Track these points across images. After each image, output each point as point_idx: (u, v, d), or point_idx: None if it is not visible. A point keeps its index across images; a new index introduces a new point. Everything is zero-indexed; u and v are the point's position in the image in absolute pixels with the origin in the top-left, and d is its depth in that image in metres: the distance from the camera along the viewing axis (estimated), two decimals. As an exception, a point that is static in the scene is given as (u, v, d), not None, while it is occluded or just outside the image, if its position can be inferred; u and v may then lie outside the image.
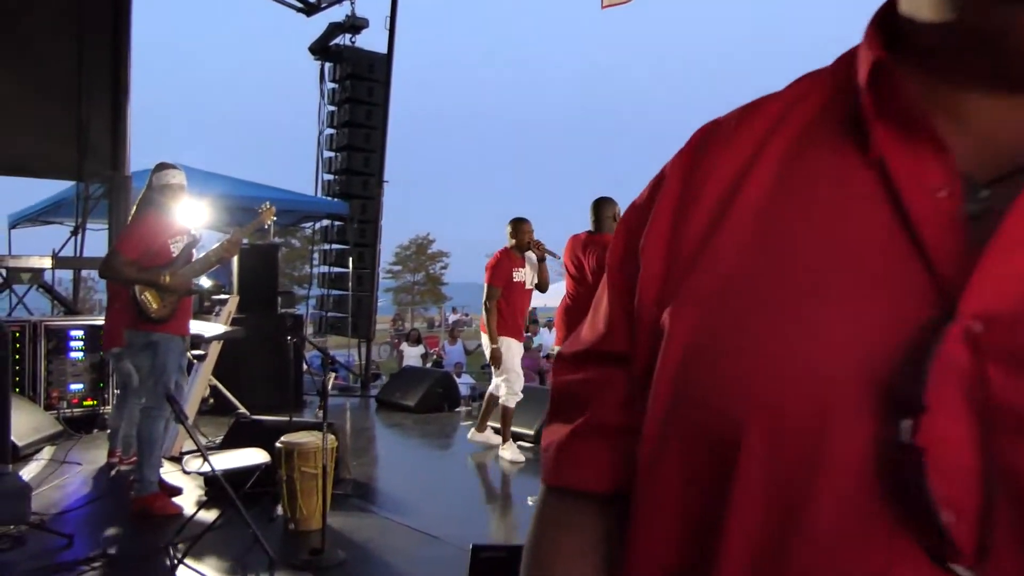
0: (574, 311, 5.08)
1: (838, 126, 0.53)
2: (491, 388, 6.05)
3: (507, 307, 5.77)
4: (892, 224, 0.47)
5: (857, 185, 0.50)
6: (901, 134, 0.49)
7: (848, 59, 0.56)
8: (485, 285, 5.74)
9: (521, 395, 5.88)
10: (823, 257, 0.49)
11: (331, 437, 4.14)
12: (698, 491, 0.51)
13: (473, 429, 6.23)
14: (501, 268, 5.74)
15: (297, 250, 33.62)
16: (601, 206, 5.11)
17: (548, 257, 5.96)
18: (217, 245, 4.52)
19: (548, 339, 14.83)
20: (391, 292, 42.35)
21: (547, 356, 12.99)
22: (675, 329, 0.54)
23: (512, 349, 5.83)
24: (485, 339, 5.89)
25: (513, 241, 5.83)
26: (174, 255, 4.34)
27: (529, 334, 15.43)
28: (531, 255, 5.91)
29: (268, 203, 4.79)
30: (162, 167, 4.41)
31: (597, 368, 0.64)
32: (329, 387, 3.89)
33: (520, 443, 6.20)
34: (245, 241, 6.16)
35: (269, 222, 4.78)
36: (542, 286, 6.10)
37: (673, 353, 0.53)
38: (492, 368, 5.89)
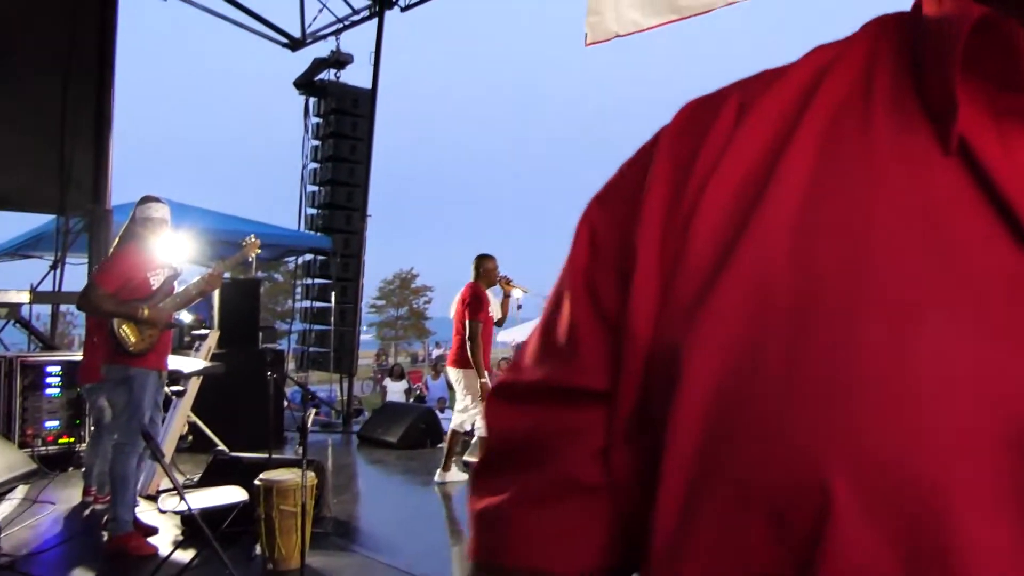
0: None
1: (892, 102, 0.41)
2: (454, 425, 6.04)
3: (483, 342, 5.88)
4: (991, 225, 0.36)
5: (937, 175, 0.38)
6: (990, 111, 0.38)
7: (885, 25, 0.45)
8: (467, 321, 5.77)
9: None
10: (909, 269, 0.37)
11: (311, 474, 4.07)
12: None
13: (439, 470, 6.14)
14: (483, 304, 5.82)
15: (280, 285, 33.51)
16: None
17: (513, 291, 6.20)
18: (198, 278, 4.48)
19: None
20: (374, 327, 42.19)
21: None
22: (700, 358, 0.40)
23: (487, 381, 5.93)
24: (456, 373, 5.93)
25: (485, 277, 5.95)
26: (154, 288, 4.29)
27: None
28: (494, 289, 6.11)
29: (253, 236, 4.77)
30: (146, 200, 4.38)
31: (555, 408, 0.47)
32: (310, 423, 3.83)
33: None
34: (227, 275, 6.11)
35: (253, 255, 4.75)
36: (503, 320, 6.35)
37: (698, 391, 0.39)
38: (465, 403, 5.92)
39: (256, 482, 4.05)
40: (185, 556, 3.96)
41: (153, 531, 4.56)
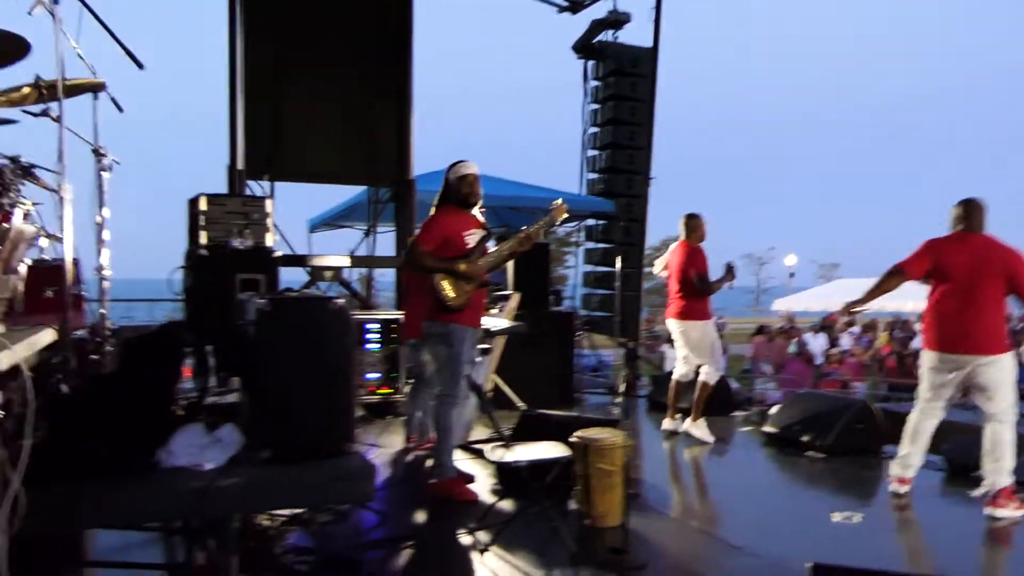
0: (934, 313, 4.62)
1: None
2: (704, 377, 6.25)
3: None
4: None
5: None
6: None
7: None
8: (699, 275, 6.11)
9: (721, 371, 6.43)
10: None
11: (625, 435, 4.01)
12: None
13: (688, 420, 6.36)
14: (702, 259, 6.18)
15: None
16: (972, 205, 4.57)
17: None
18: (512, 239, 4.58)
19: (815, 344, 13.75)
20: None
21: (825, 360, 12.12)
22: None
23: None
24: (681, 325, 6.22)
25: (696, 233, 6.29)
26: (470, 247, 4.44)
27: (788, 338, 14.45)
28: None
29: (560, 200, 4.79)
30: (457, 163, 4.56)
31: None
32: (626, 386, 3.75)
33: (810, 452, 5.76)
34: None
35: (560, 220, 4.76)
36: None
37: None
38: (685, 352, 6.31)
39: (572, 439, 4.07)
40: (503, 505, 4.09)
41: (471, 479, 4.79)
